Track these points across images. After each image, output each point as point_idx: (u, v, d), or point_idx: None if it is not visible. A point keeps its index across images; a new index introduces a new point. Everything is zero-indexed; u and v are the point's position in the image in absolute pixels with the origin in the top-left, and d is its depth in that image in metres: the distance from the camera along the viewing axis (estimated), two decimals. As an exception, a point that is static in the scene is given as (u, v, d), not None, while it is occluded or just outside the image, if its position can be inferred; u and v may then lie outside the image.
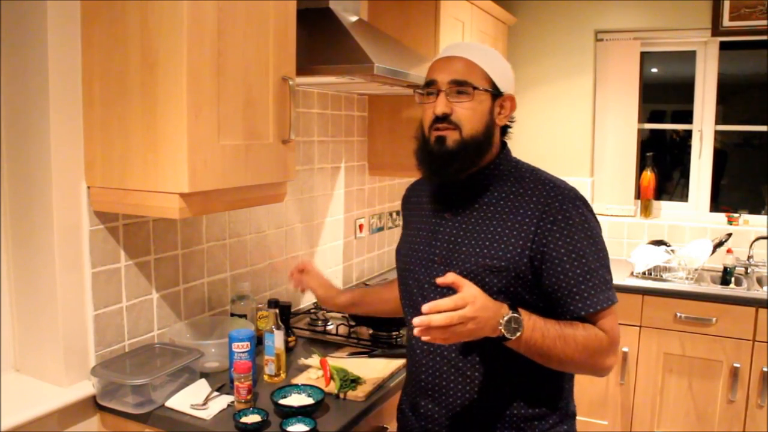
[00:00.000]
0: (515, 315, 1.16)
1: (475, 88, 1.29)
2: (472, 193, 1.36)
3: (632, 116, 3.52)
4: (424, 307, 1.10)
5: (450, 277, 1.15)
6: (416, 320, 1.09)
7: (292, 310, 2.25)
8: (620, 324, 2.96)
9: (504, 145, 1.40)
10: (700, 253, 2.99)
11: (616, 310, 1.28)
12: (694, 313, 2.80)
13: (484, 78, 1.31)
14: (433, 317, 1.09)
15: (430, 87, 1.33)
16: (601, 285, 1.25)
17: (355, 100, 2.73)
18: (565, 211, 1.27)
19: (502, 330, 1.15)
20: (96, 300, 1.61)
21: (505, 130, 1.40)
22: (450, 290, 1.17)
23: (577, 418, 1.42)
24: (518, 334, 1.16)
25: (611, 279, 1.29)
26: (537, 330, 1.18)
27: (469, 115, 1.29)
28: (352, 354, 1.91)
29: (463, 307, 1.10)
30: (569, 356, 1.21)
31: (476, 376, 1.30)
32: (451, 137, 1.29)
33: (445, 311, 1.09)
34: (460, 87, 1.29)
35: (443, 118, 1.29)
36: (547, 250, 1.25)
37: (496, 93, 1.32)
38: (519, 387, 1.31)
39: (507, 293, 1.26)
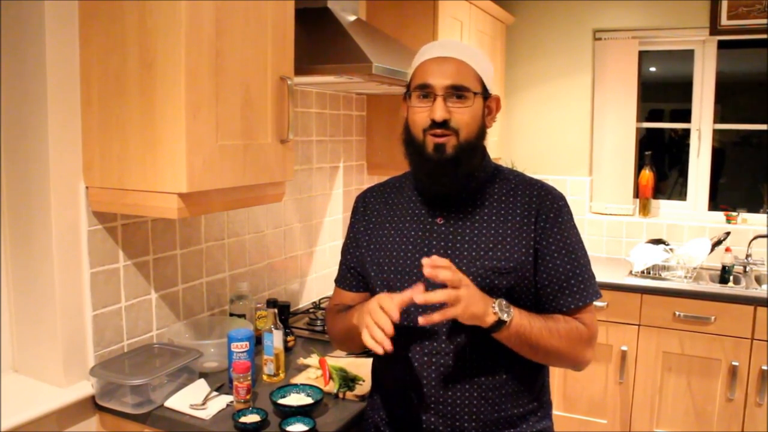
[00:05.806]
0: (502, 300, 1.20)
1: (475, 93, 1.26)
2: (463, 196, 1.33)
3: (631, 115, 3.52)
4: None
5: (441, 261, 1.16)
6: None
7: (291, 309, 2.25)
8: (619, 323, 2.95)
9: (484, 147, 1.36)
10: (699, 251, 2.99)
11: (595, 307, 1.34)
12: (693, 312, 2.80)
13: (476, 80, 1.28)
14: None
15: (424, 90, 1.27)
16: (589, 279, 1.31)
17: (354, 100, 2.72)
18: (556, 209, 1.31)
19: (496, 309, 1.18)
20: (95, 300, 1.61)
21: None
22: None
23: (577, 417, 1.43)
24: (511, 316, 1.19)
25: (594, 274, 1.34)
26: (524, 317, 1.22)
27: (467, 120, 1.26)
28: (351, 353, 1.91)
29: (459, 284, 1.14)
30: (555, 346, 1.25)
31: (482, 381, 1.28)
32: (450, 143, 1.25)
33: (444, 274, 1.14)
34: (459, 92, 1.25)
35: (442, 124, 1.24)
36: (541, 247, 1.28)
37: (486, 95, 1.30)
38: (516, 385, 1.31)
39: (512, 294, 1.27)
